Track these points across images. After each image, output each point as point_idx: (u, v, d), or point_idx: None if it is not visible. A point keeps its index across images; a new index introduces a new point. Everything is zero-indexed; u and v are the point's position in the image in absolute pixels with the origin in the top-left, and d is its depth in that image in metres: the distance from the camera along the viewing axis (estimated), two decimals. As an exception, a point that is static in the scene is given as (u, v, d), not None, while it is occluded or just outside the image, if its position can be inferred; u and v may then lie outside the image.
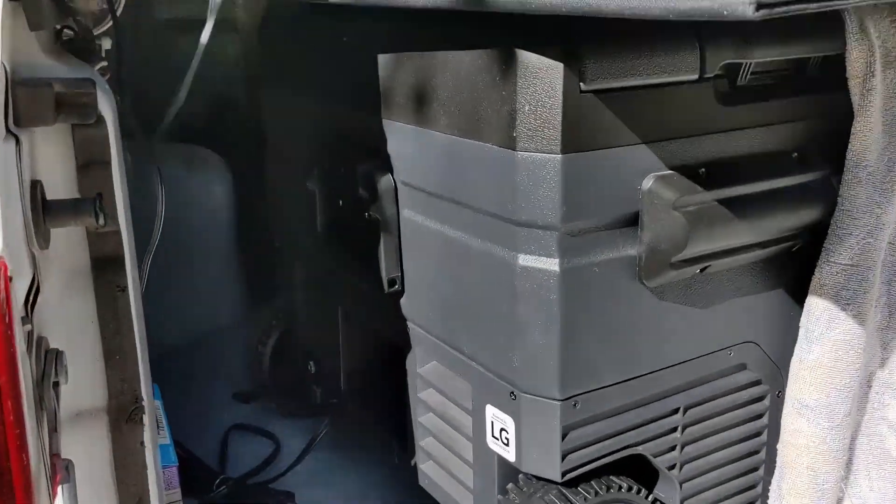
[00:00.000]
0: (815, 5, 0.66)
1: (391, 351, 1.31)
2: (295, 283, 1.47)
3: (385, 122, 1.08)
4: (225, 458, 1.47)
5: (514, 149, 0.86)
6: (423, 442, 1.17)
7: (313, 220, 1.28)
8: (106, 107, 0.82)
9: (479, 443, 1.03)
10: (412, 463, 1.20)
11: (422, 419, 1.16)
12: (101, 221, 0.77)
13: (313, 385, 1.41)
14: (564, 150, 0.84)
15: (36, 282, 0.76)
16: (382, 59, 1.06)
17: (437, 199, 1.01)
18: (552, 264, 0.88)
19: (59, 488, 0.75)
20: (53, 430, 0.77)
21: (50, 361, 0.77)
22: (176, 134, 1.69)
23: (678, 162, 0.92)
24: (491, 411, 0.99)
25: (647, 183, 0.90)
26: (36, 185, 0.75)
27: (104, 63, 0.97)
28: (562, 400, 0.92)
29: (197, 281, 1.88)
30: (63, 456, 0.79)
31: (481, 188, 0.92)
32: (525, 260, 0.89)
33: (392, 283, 1.12)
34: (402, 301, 1.14)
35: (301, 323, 1.49)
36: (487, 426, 1.01)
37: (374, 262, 1.15)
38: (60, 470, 0.76)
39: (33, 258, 0.75)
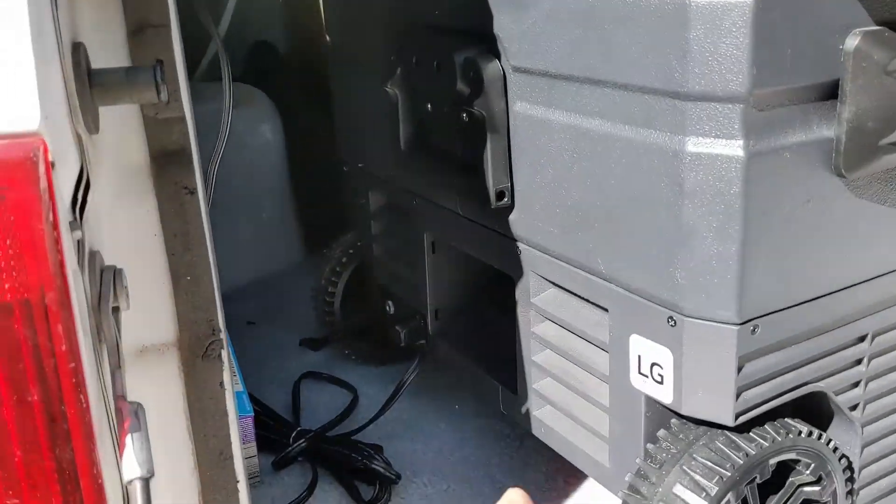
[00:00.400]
0: None
1: (491, 281, 1.13)
2: (369, 212, 1.29)
3: (490, -5, 0.88)
4: (297, 409, 1.31)
5: (686, -5, 0.66)
6: (539, 385, 0.99)
7: (394, 134, 1.09)
8: (161, -45, 0.64)
9: (620, 382, 0.85)
10: (522, 410, 1.03)
11: (536, 358, 0.98)
12: (164, 96, 0.59)
13: (394, 327, 1.24)
14: (759, -9, 0.64)
15: (85, 175, 0.59)
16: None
17: (567, 82, 0.81)
18: (735, 148, 0.68)
19: (128, 437, 0.58)
20: (116, 366, 0.60)
21: (107, 282, 0.60)
22: (215, 71, 1.52)
23: (889, 14, 0.71)
24: (638, 343, 0.81)
25: (852, 41, 0.69)
26: (78, 49, 0.57)
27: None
28: (740, 324, 0.73)
29: (252, 219, 1.72)
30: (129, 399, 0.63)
31: (634, 56, 0.72)
32: (697, 145, 0.69)
33: (500, 195, 0.93)
34: (512, 218, 0.95)
35: (377, 258, 1.31)
36: (632, 361, 0.82)
37: (471, 175, 0.96)
38: (128, 415, 0.58)
39: (80, 143, 0.58)
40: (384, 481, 1.10)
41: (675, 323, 0.76)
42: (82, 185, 0.58)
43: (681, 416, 0.82)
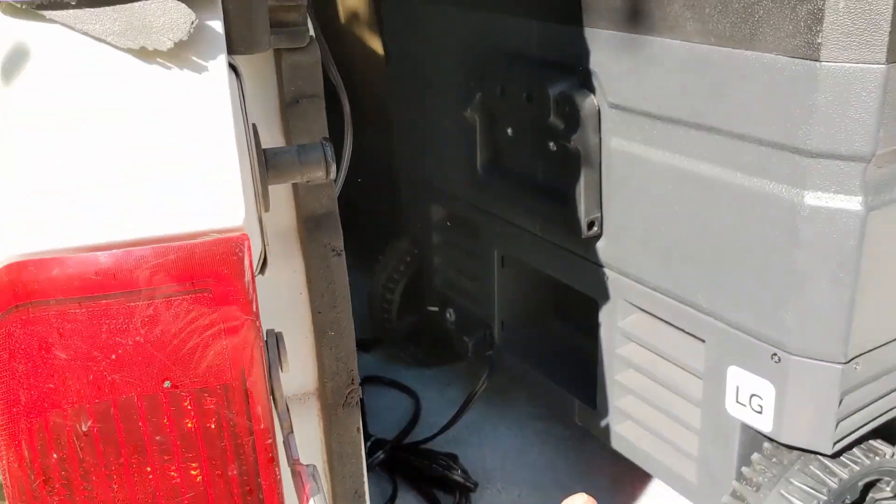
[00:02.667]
0: None
1: (555, 294, 1.16)
2: (430, 223, 1.31)
3: (588, 32, 0.90)
4: (364, 416, 1.34)
5: (816, 59, 0.68)
6: (621, 402, 1.03)
7: (470, 156, 1.11)
8: (311, 26, 0.64)
9: (714, 408, 0.89)
10: (601, 424, 1.07)
11: (619, 377, 1.02)
12: (333, 174, 0.60)
13: (461, 338, 1.27)
14: (891, 60, 0.66)
15: (264, 254, 0.61)
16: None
17: (671, 123, 0.84)
18: (854, 203, 0.72)
19: (311, 502, 0.61)
20: (290, 430, 0.63)
21: (273, 347, 0.62)
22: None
23: None
24: (737, 374, 0.85)
25: (963, 97, 0.73)
26: (255, 130, 0.59)
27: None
28: (845, 363, 0.78)
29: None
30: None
31: (752, 109, 0.75)
32: (816, 199, 0.73)
33: (591, 225, 0.96)
34: (601, 245, 0.98)
35: (437, 267, 1.34)
36: (729, 390, 0.87)
37: (557, 203, 0.99)
38: (308, 478, 0.61)
39: (261, 226, 0.59)
40: (463, 490, 1.14)
41: (779, 359, 0.80)
42: (261, 262, 0.61)
43: (772, 441, 0.87)
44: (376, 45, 1.47)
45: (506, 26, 1.02)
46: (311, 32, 0.64)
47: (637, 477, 1.20)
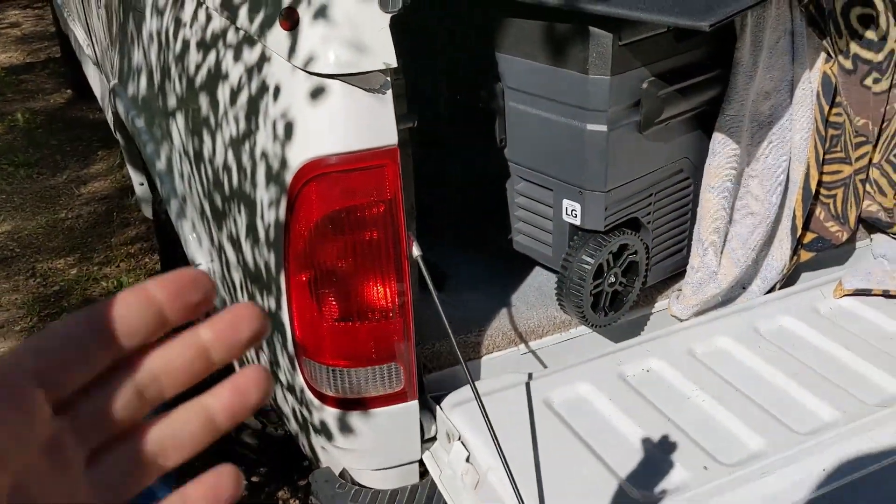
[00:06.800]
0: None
1: (487, 178, 2.29)
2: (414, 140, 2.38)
3: (497, 54, 1.99)
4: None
5: (587, 74, 1.81)
6: (517, 225, 2.18)
7: (440, 103, 2.19)
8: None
9: (557, 219, 2.05)
10: (509, 237, 2.22)
11: (516, 213, 2.16)
12: (414, 124, 1.68)
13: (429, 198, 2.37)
14: (612, 74, 1.80)
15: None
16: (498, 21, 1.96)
17: (535, 96, 1.95)
18: (603, 129, 1.86)
19: (414, 244, 1.71)
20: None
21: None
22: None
23: (658, 71, 1.90)
24: (566, 202, 2.01)
25: (645, 84, 1.88)
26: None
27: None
28: (606, 191, 1.94)
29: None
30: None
31: (566, 91, 1.88)
32: (591, 127, 1.87)
33: (502, 141, 2.08)
34: (506, 150, 2.10)
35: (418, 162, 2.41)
36: (563, 210, 2.02)
37: (485, 131, 2.09)
38: (412, 237, 1.72)
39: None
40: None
41: (581, 193, 1.96)
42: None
43: (582, 229, 2.03)
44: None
45: (459, 50, 2.09)
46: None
47: (527, 266, 2.37)
